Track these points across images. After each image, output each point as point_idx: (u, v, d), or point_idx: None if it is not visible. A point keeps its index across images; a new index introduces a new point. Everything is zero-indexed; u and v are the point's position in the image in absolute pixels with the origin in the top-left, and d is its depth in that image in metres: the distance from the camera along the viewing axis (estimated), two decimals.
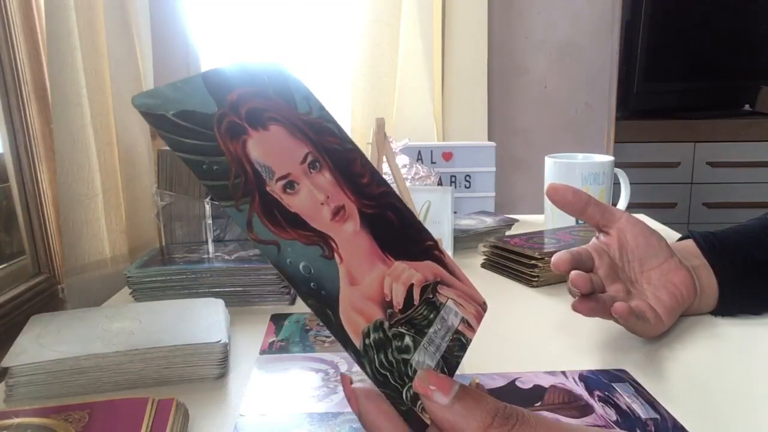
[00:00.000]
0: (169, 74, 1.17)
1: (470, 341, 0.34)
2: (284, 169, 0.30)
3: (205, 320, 0.55)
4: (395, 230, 0.33)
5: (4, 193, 0.77)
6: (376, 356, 0.29)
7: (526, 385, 0.48)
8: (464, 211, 1.05)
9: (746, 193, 2.07)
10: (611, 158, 0.93)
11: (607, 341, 0.56)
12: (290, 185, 0.29)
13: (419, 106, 1.38)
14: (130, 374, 0.49)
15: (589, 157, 0.97)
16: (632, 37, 2.06)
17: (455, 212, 0.89)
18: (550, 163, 0.93)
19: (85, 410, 0.40)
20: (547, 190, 0.55)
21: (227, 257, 0.72)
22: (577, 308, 0.50)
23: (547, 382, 0.48)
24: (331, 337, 0.43)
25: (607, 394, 0.46)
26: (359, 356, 0.28)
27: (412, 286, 0.32)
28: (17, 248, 0.79)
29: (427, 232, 0.35)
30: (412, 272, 0.33)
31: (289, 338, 0.58)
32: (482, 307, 0.36)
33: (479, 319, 0.35)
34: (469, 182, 1.08)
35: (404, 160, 0.98)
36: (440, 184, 1.00)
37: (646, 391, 0.46)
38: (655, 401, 0.45)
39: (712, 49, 2.15)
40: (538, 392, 0.47)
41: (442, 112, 1.43)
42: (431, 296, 0.33)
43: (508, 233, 0.89)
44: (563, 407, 0.44)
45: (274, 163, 0.29)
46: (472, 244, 0.86)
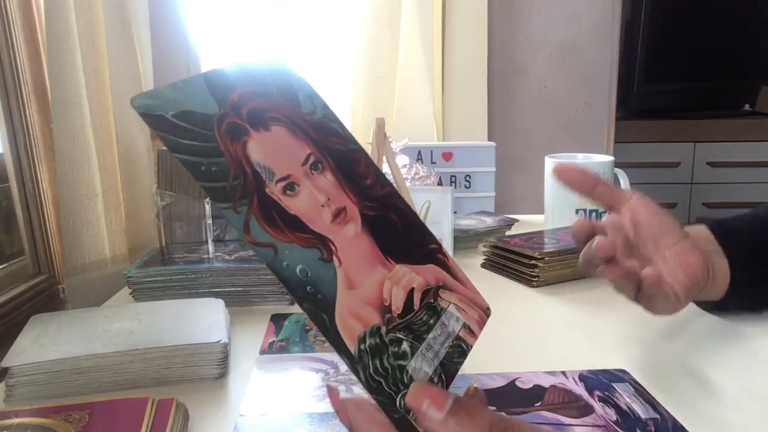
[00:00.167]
0: (169, 74, 1.17)
1: (471, 347, 0.33)
2: (285, 170, 0.29)
3: (205, 320, 0.55)
4: (398, 233, 0.32)
5: (4, 193, 0.77)
6: (371, 362, 0.28)
7: (526, 385, 0.48)
8: (464, 211, 1.05)
9: (746, 193, 2.07)
10: (611, 158, 0.93)
11: (607, 341, 0.56)
12: (290, 187, 0.29)
13: (419, 106, 1.37)
14: (130, 374, 0.49)
15: (589, 157, 0.97)
16: (632, 37, 2.05)
17: (455, 212, 0.89)
18: (550, 163, 0.93)
19: (85, 410, 0.40)
20: (553, 170, 0.54)
21: (227, 257, 0.72)
22: (609, 274, 0.49)
23: (547, 382, 0.48)
24: None
25: (607, 394, 0.46)
26: (353, 362, 0.27)
27: (412, 290, 0.31)
28: (17, 248, 0.78)
29: (431, 234, 0.34)
30: (413, 276, 0.32)
31: (289, 338, 0.58)
32: (485, 312, 0.35)
33: (482, 324, 0.34)
34: (469, 182, 1.08)
35: (404, 160, 0.98)
36: (440, 184, 1.00)
37: (646, 391, 0.46)
38: (655, 401, 0.45)
39: (712, 49, 2.15)
40: (538, 392, 0.47)
41: (442, 112, 1.43)
42: (432, 301, 0.32)
43: (508, 233, 0.89)
44: (563, 407, 0.44)
45: (274, 164, 0.29)
46: (472, 244, 0.86)
